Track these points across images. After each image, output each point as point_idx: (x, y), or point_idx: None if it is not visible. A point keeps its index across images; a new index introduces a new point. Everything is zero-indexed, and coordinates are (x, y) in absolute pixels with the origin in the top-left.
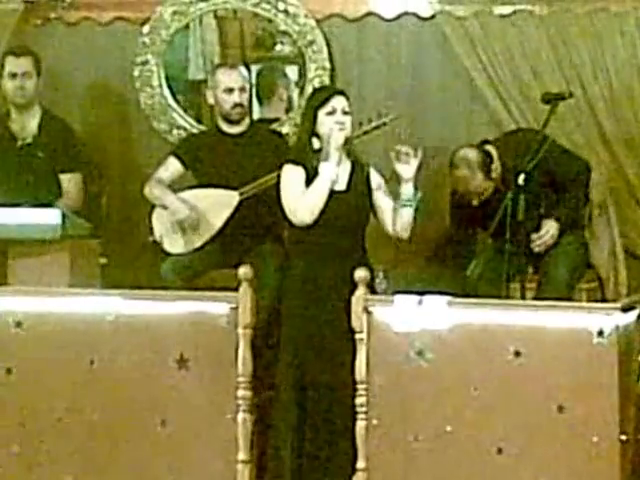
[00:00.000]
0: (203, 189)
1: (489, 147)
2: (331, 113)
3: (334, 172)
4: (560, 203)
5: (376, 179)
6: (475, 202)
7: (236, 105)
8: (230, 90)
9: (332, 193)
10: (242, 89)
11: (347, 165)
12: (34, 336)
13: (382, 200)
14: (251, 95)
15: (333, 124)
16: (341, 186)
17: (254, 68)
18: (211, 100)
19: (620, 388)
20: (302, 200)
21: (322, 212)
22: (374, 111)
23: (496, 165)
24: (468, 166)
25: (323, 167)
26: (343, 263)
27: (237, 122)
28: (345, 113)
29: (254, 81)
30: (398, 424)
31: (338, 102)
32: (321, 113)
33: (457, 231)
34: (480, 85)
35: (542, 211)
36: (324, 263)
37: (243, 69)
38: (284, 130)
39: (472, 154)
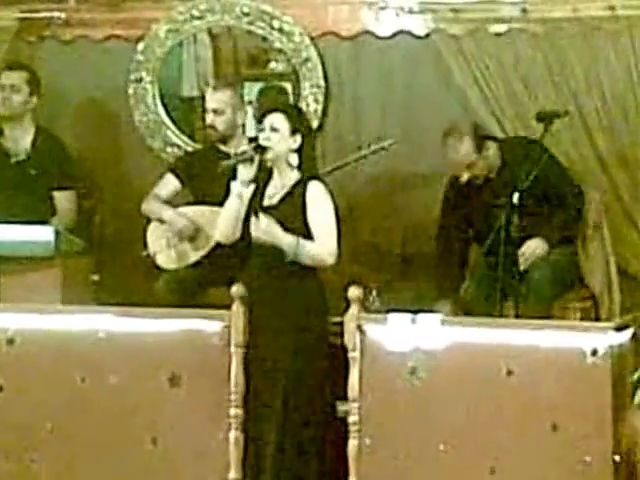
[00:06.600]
0: (198, 206)
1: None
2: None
3: (239, 189)
4: (550, 221)
5: (313, 193)
6: (465, 177)
7: (208, 126)
8: (208, 110)
9: (265, 209)
10: (216, 111)
11: (289, 180)
12: (26, 353)
13: (312, 216)
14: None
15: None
16: (273, 201)
17: (248, 85)
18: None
19: (613, 408)
20: (218, 220)
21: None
22: (369, 130)
23: (492, 149)
24: (457, 132)
25: (231, 185)
26: (275, 275)
27: (224, 141)
28: (273, 130)
29: (254, 98)
30: (391, 443)
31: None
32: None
33: (448, 221)
34: (475, 103)
35: (533, 229)
36: (259, 276)
37: (228, 91)
38: None
39: (462, 122)
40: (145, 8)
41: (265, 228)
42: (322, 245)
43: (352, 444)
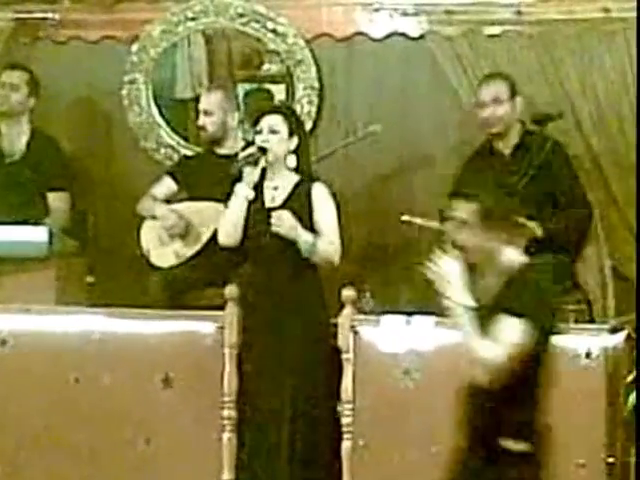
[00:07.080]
0: (193, 202)
1: None
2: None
3: (247, 192)
4: (549, 229)
5: (319, 195)
6: (486, 113)
7: (199, 127)
8: (200, 111)
9: (268, 210)
10: (206, 112)
11: (289, 182)
12: (19, 354)
13: (319, 217)
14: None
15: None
16: (276, 202)
17: (241, 88)
18: None
19: (607, 410)
20: (221, 223)
21: (255, 228)
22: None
23: (519, 107)
24: (497, 74)
25: (236, 187)
26: (280, 273)
27: (218, 143)
28: (273, 132)
29: (241, 101)
30: (384, 444)
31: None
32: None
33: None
34: (469, 105)
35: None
36: (262, 276)
37: (219, 93)
38: None
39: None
40: (139, 9)
41: (288, 223)
42: (332, 244)
43: (345, 445)
